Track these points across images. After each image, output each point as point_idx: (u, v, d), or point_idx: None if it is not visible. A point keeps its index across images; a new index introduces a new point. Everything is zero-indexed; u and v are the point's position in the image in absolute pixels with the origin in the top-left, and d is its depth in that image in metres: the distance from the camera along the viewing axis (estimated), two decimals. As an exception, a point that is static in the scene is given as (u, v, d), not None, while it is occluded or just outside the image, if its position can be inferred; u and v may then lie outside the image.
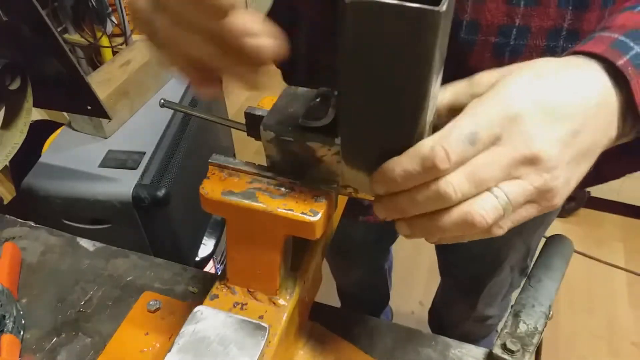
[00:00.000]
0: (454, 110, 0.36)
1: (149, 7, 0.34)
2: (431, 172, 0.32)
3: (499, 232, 0.34)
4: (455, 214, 0.33)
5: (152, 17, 0.34)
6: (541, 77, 0.34)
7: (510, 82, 0.34)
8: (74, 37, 2.01)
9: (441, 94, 0.37)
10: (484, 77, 0.36)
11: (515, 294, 0.87)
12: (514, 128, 0.32)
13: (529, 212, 0.34)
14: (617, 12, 0.41)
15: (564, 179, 0.34)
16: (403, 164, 0.33)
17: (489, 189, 0.32)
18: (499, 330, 0.49)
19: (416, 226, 0.35)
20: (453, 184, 0.32)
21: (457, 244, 0.38)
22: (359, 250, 1.08)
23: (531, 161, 0.32)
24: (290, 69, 0.47)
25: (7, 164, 0.70)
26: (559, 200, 0.34)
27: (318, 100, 0.40)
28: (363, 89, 0.32)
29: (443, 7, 0.27)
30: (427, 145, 0.32)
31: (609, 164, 0.46)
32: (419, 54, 0.29)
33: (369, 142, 0.35)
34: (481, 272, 0.94)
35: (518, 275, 0.98)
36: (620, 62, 0.34)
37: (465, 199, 0.32)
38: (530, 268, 0.54)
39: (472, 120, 0.32)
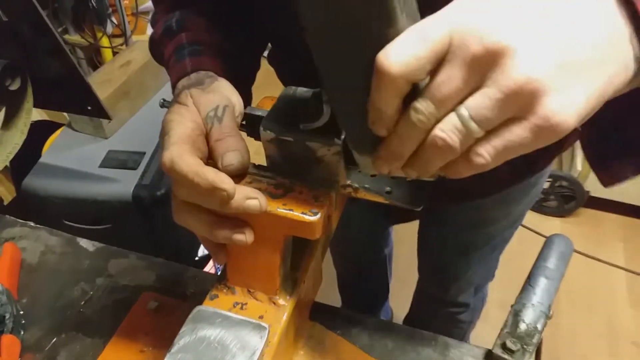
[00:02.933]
0: None
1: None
2: (386, 80, 0.28)
3: (479, 159, 0.29)
4: (427, 140, 0.30)
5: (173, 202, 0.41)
6: None
7: None
8: (74, 37, 2.01)
9: None
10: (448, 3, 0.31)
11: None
12: (464, 28, 0.27)
13: (517, 132, 0.28)
14: None
15: (549, 80, 0.26)
16: (371, 91, 0.30)
17: (454, 109, 0.29)
18: (470, 339, 0.49)
19: (412, 165, 0.33)
20: (419, 108, 0.29)
21: (437, 215, 0.36)
22: (357, 228, 1.09)
23: (488, 58, 0.27)
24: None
25: (8, 164, 0.70)
26: (557, 112, 0.26)
27: (312, 101, 0.40)
28: (334, 54, 0.31)
29: None
30: (379, 55, 0.28)
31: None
32: (381, 17, 0.28)
33: (364, 122, 0.33)
34: (457, 248, 0.95)
35: (490, 266, 0.99)
36: None
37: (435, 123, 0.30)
38: (531, 270, 0.54)
39: (422, 23, 0.28)
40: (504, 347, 0.48)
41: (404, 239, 1.21)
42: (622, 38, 0.28)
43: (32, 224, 0.72)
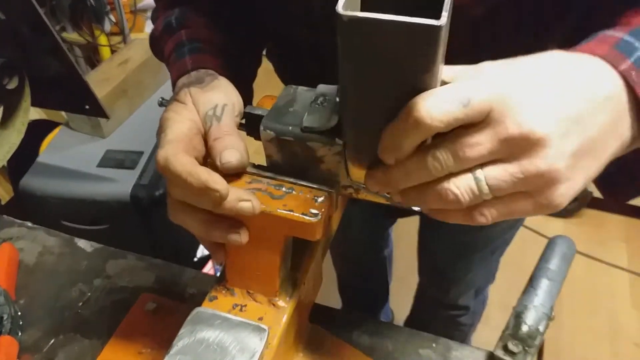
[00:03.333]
0: None
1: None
2: (416, 126, 0.30)
3: (481, 219, 0.32)
4: (435, 187, 0.32)
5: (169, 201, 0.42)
6: (543, 66, 0.32)
7: (510, 66, 0.32)
8: (72, 35, 2.01)
9: (446, 71, 0.34)
10: (489, 65, 0.34)
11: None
12: (505, 105, 0.30)
13: (521, 205, 0.31)
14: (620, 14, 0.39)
15: (566, 171, 0.30)
16: (395, 124, 0.31)
17: (471, 170, 0.31)
18: (471, 341, 0.49)
19: (406, 196, 0.35)
20: (439, 158, 0.31)
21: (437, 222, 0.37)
22: (358, 229, 1.09)
23: (523, 143, 0.29)
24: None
25: (5, 163, 0.69)
26: (559, 197, 0.31)
27: (318, 103, 0.39)
28: (366, 98, 0.32)
29: (443, 21, 0.26)
30: (420, 101, 0.30)
31: None
32: (423, 64, 0.28)
33: (375, 143, 0.34)
34: (457, 249, 0.95)
35: (490, 268, 0.99)
36: (623, 67, 0.32)
37: (450, 176, 0.31)
38: (533, 271, 0.54)
39: (468, 87, 0.30)
40: (505, 348, 0.48)
41: (404, 239, 1.21)
42: (624, 120, 0.32)
43: (29, 224, 0.71)
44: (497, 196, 0.31)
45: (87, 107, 0.85)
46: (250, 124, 0.43)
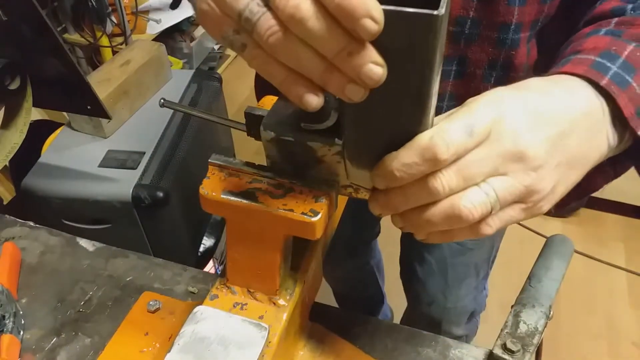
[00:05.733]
0: None
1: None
2: (430, 163, 0.32)
3: (488, 230, 0.35)
4: (443, 206, 0.33)
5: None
6: (529, 88, 0.36)
7: (501, 90, 0.36)
8: (74, 36, 2.01)
9: (441, 118, 0.36)
10: (475, 100, 0.36)
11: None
12: (502, 126, 0.33)
13: (516, 213, 0.35)
14: (582, 38, 0.44)
15: (551, 182, 0.35)
16: (402, 156, 0.33)
17: (476, 184, 0.33)
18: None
19: (407, 219, 0.36)
20: (442, 178, 0.32)
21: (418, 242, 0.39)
22: (338, 244, 1.08)
23: (518, 158, 0.33)
24: None
25: (7, 164, 0.70)
26: (546, 204, 0.35)
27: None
28: (367, 120, 0.33)
29: (442, 10, 0.27)
30: (426, 136, 0.32)
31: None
32: (421, 57, 0.29)
33: (373, 142, 0.35)
34: (444, 276, 0.94)
35: (480, 289, 0.98)
36: (603, 82, 0.37)
37: (452, 194, 0.33)
38: (531, 270, 0.54)
39: (467, 114, 0.33)
40: (504, 347, 0.48)
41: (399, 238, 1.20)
42: (602, 132, 0.37)
43: (31, 223, 0.72)
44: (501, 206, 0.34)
45: (88, 107, 0.85)
46: (250, 125, 0.43)
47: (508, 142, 0.33)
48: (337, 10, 0.26)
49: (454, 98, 0.63)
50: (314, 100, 0.30)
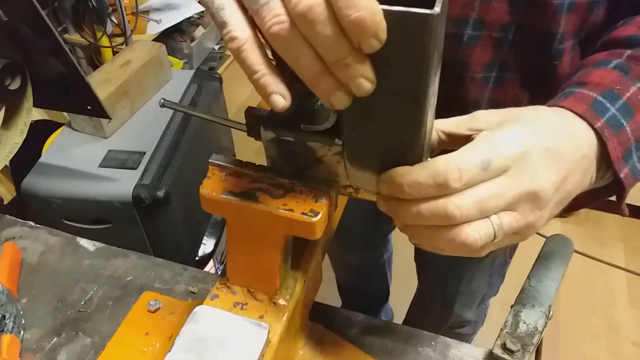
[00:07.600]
0: (451, 138, 0.39)
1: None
2: (441, 188, 0.33)
3: (481, 254, 0.36)
4: (453, 232, 0.34)
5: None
6: (544, 123, 0.37)
7: (521, 124, 0.36)
8: (74, 37, 2.01)
9: (442, 123, 0.39)
10: (483, 115, 0.39)
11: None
12: (523, 163, 0.35)
13: (509, 240, 0.37)
14: (591, 65, 0.45)
15: (547, 219, 0.37)
16: (415, 174, 0.34)
17: (488, 216, 0.35)
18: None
19: (411, 230, 0.37)
20: (461, 207, 0.33)
21: None
22: (357, 233, 1.09)
23: (532, 198, 0.35)
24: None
25: (7, 164, 0.70)
26: (534, 232, 0.38)
27: (318, 102, 0.39)
28: (368, 132, 0.33)
29: (437, 10, 0.27)
30: (442, 161, 0.33)
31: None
32: (417, 57, 0.29)
33: (373, 143, 0.35)
34: (457, 261, 0.94)
35: (497, 276, 0.98)
36: (598, 125, 0.38)
37: (465, 222, 0.34)
38: (531, 270, 0.54)
39: (488, 148, 0.34)
40: (504, 347, 0.48)
41: (405, 239, 1.20)
42: (591, 171, 0.39)
43: (32, 223, 0.72)
44: None
45: (89, 107, 0.85)
46: (251, 125, 0.43)
47: (526, 181, 0.34)
48: (349, 24, 0.26)
49: (491, 104, 0.62)
50: (281, 102, 0.31)
